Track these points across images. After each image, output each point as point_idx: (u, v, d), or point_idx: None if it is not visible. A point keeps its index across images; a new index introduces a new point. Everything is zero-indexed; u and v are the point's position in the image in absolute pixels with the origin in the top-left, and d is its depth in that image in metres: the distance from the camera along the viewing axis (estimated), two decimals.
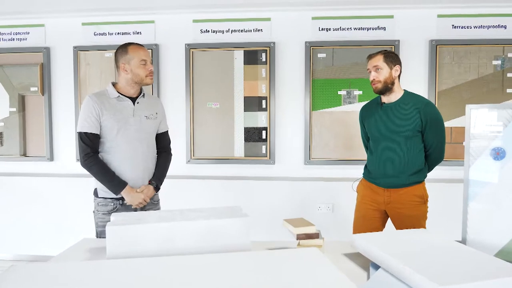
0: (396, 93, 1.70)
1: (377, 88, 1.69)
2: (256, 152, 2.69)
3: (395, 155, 1.68)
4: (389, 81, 1.66)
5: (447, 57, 2.60)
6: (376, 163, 1.74)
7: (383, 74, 1.66)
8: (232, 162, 2.71)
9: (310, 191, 2.72)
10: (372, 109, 1.77)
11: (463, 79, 2.57)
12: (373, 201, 1.75)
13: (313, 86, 2.67)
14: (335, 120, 2.65)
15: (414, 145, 1.66)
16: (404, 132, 1.64)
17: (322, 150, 2.67)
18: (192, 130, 2.73)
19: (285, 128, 2.75)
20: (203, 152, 2.73)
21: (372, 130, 1.75)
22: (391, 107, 1.69)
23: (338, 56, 2.63)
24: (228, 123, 2.72)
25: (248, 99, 2.70)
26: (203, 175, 2.79)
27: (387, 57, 1.68)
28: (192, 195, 2.77)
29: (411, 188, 1.68)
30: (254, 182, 2.75)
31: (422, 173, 1.71)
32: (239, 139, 2.71)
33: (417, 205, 1.68)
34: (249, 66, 2.69)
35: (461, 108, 2.54)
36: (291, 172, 2.75)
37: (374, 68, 1.68)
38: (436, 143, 1.68)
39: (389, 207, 1.71)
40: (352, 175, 2.42)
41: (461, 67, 2.57)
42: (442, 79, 2.59)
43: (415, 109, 1.64)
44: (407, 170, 1.67)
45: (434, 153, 1.71)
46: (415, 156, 1.67)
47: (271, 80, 2.67)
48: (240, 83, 2.72)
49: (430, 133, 1.66)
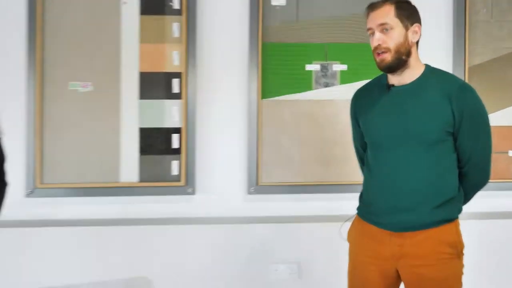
0: (413, 70, 1.52)
1: (385, 62, 1.47)
2: (162, 173, 2.16)
3: (411, 173, 1.49)
4: (403, 50, 1.47)
5: (482, 11, 2.20)
6: (379, 188, 1.54)
7: (396, 38, 1.46)
8: (116, 193, 2.15)
9: (258, 241, 2.20)
10: (373, 96, 1.59)
11: (507, 47, 2.20)
12: (375, 255, 1.55)
13: (264, 56, 2.17)
14: (301, 116, 2.19)
15: (443, 156, 1.48)
16: (427, 135, 1.47)
17: (280, 168, 2.19)
18: (40, 135, 2.14)
19: (214, 129, 2.23)
20: (59, 175, 2.16)
21: (373, 131, 1.57)
22: (404, 92, 1.52)
23: (307, 5, 2.20)
24: (108, 120, 2.17)
25: (148, 77, 2.13)
26: (57, 218, 2.20)
27: (402, 9, 1.48)
28: (37, 257, 2.16)
29: (437, 231, 1.48)
30: (157, 229, 2.16)
31: (455, 204, 1.51)
32: (129, 150, 2.16)
33: (447, 260, 1.47)
34: (149, 18, 2.11)
35: (505, 94, 2.18)
36: (224, 209, 2.23)
37: (379, 26, 1.47)
38: (477, 155, 1.50)
39: (402, 264, 1.52)
40: (337, 210, 2.10)
41: (503, 28, 2.19)
42: (475, 47, 2.20)
43: (444, 96, 1.47)
44: (431, 199, 1.47)
45: (475, 171, 1.52)
46: (443, 176, 1.49)
47: (190, 44, 2.14)
48: (132, 48, 2.13)
49: (467, 137, 1.47)
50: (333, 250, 1.95)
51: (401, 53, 1.47)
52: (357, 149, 1.72)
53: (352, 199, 1.78)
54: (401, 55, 1.47)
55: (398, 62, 1.47)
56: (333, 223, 1.94)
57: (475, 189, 1.58)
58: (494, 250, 2.10)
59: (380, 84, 1.58)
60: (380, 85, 1.57)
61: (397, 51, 1.46)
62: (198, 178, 2.14)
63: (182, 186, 2.09)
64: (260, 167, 2.10)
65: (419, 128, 1.46)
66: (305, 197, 2.16)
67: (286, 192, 2.14)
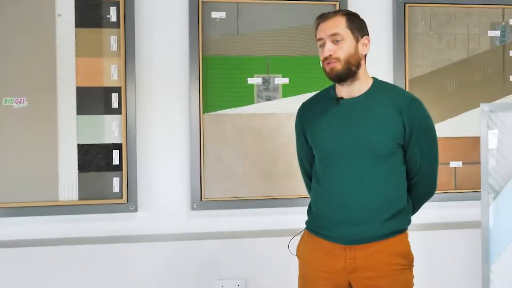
0: (362, 83, 1.52)
1: (335, 70, 1.47)
2: (102, 191, 2.13)
3: (362, 186, 1.49)
4: (353, 61, 1.48)
5: (422, 23, 2.23)
6: (329, 201, 1.53)
7: (346, 49, 1.47)
8: (55, 212, 2.10)
9: (204, 257, 2.19)
10: (321, 107, 1.58)
11: (446, 59, 2.25)
12: (327, 269, 1.54)
13: (205, 69, 2.17)
14: (244, 130, 2.19)
15: (393, 168, 1.50)
16: (378, 148, 1.48)
17: (223, 183, 2.19)
18: None
19: (155, 145, 2.20)
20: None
21: (322, 144, 1.56)
22: (354, 105, 1.52)
23: (248, 17, 2.19)
24: (45, 136, 2.12)
25: (85, 92, 2.10)
26: None
27: (352, 21, 1.49)
28: None
29: (389, 242, 1.49)
30: (99, 248, 2.14)
31: (404, 215, 1.54)
32: (67, 167, 2.12)
33: (400, 271, 1.49)
34: (85, 31, 2.09)
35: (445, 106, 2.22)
36: (168, 225, 2.20)
37: (331, 37, 1.48)
38: (426, 166, 1.54)
39: (355, 277, 1.52)
40: (283, 225, 2.14)
41: (442, 40, 2.24)
42: (415, 59, 2.24)
43: (395, 109, 1.49)
44: (383, 211, 1.49)
45: (423, 182, 1.56)
46: (394, 187, 1.51)
47: (128, 58, 2.12)
48: (68, 62, 2.09)
49: (417, 149, 1.51)
50: (280, 265, 1.95)
51: (351, 64, 1.47)
52: (302, 164, 1.70)
53: (297, 213, 1.79)
54: (351, 66, 1.47)
55: (348, 72, 1.47)
56: (280, 237, 1.91)
57: (423, 200, 1.59)
58: (436, 260, 2.12)
59: (328, 96, 1.57)
60: (328, 97, 1.57)
61: (347, 62, 1.46)
62: (140, 195, 2.11)
63: (124, 204, 2.05)
64: (203, 182, 2.08)
65: (370, 140, 1.47)
66: (249, 212, 2.16)
67: (230, 208, 2.14)
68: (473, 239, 2.06)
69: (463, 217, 2.16)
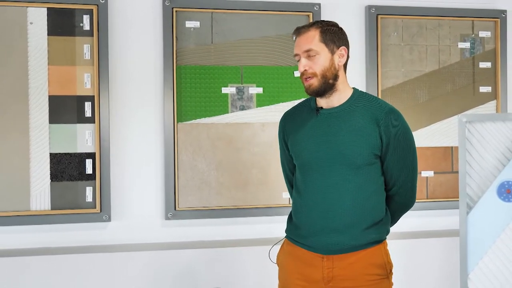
0: (341, 93, 1.53)
1: (312, 87, 1.48)
2: (75, 200, 2.11)
3: (341, 196, 1.49)
4: (330, 75, 1.48)
5: (394, 34, 2.27)
6: (309, 211, 1.53)
7: (321, 63, 1.47)
8: (27, 221, 2.08)
9: (180, 267, 2.16)
10: (302, 118, 1.60)
11: (418, 70, 2.29)
12: (305, 278, 1.54)
13: (179, 78, 2.17)
14: (218, 139, 2.20)
15: (371, 179, 1.50)
16: (355, 158, 1.49)
17: (198, 192, 2.18)
18: None
19: (129, 154, 2.20)
20: None
21: (302, 153, 1.56)
22: (333, 115, 1.53)
23: (221, 26, 2.20)
24: (17, 145, 2.10)
25: (58, 100, 2.09)
26: None
27: (327, 32, 1.48)
28: None
29: (366, 253, 1.49)
30: (72, 258, 2.08)
31: (383, 226, 1.53)
32: (39, 176, 2.11)
33: (377, 281, 1.50)
34: (58, 39, 2.06)
35: (417, 116, 2.25)
36: (142, 235, 2.20)
37: (305, 53, 1.49)
38: (404, 177, 1.53)
39: (333, 287, 1.52)
40: (260, 234, 2.15)
41: (414, 51, 2.28)
42: (387, 69, 2.27)
43: (372, 120, 1.49)
44: (360, 221, 1.49)
45: (401, 193, 1.55)
46: (372, 198, 1.50)
47: (102, 67, 2.11)
48: (40, 70, 2.07)
49: (394, 160, 1.51)
50: (258, 274, 1.96)
51: (327, 77, 1.47)
52: (285, 173, 1.71)
53: (272, 222, 1.78)
54: (328, 79, 1.47)
55: (325, 86, 1.48)
56: (257, 246, 1.94)
57: (402, 211, 1.60)
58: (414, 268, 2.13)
59: (309, 106, 1.58)
60: (309, 107, 1.58)
61: (324, 76, 1.47)
62: (114, 204, 2.09)
63: (97, 213, 2.02)
64: (177, 191, 2.06)
65: (348, 151, 1.47)
66: (224, 221, 2.15)
67: (205, 217, 2.11)
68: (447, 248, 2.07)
69: (435, 226, 2.17)
